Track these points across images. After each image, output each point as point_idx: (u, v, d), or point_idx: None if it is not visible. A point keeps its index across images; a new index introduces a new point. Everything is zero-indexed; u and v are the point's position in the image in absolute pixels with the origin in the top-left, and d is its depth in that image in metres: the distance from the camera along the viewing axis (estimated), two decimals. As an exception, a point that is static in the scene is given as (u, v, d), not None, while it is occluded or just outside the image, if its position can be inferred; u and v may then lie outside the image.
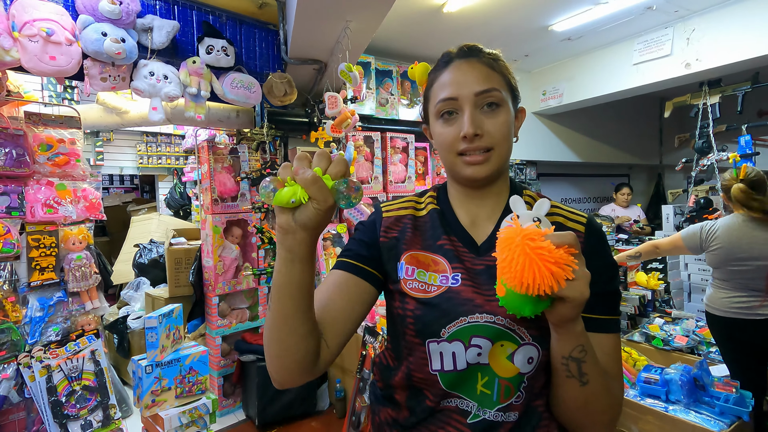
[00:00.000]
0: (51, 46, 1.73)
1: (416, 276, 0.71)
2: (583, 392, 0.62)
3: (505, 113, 0.71)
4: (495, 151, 0.70)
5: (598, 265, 0.67)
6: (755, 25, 3.01)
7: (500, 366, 0.66)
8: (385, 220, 0.78)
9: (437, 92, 0.73)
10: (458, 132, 0.69)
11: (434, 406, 0.69)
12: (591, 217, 0.74)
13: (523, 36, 3.63)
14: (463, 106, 0.70)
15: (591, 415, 0.64)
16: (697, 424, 1.77)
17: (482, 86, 0.70)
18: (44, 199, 2.03)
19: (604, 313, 0.68)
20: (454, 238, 0.73)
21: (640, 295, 3.21)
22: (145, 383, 1.80)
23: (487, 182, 0.74)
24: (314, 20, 2.15)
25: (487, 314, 0.65)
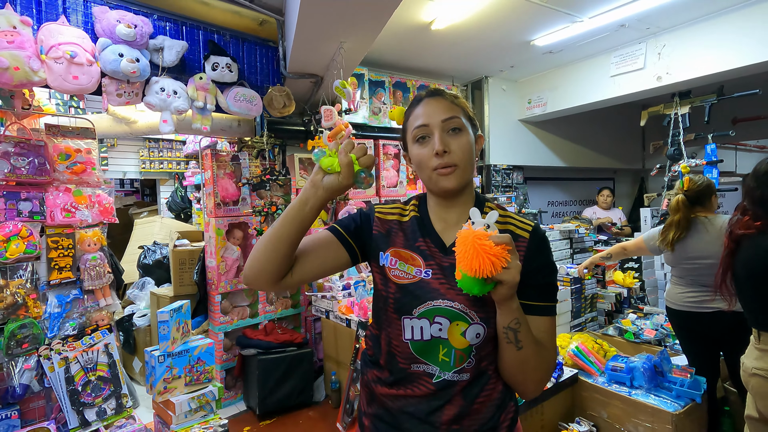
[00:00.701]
0: (74, 67, 1.92)
1: (398, 266, 0.91)
2: (519, 355, 0.82)
3: (466, 135, 0.90)
4: (459, 166, 0.88)
5: (539, 262, 0.88)
6: (721, 42, 3.25)
7: (456, 339, 0.86)
8: (377, 218, 0.99)
9: (413, 122, 0.92)
10: (431, 151, 0.88)
11: (406, 368, 0.89)
12: (536, 225, 0.93)
13: (507, 50, 3.85)
14: (433, 131, 0.89)
15: (526, 373, 0.85)
16: (656, 406, 1.98)
17: (447, 114, 0.89)
18: (63, 204, 2.21)
19: (541, 300, 0.87)
20: (429, 240, 0.92)
21: (616, 292, 3.43)
22: (158, 371, 1.98)
23: (456, 192, 0.92)
24: (311, 41, 2.34)
25: (448, 300, 0.85)
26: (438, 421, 0.87)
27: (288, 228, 0.84)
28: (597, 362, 2.36)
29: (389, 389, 0.91)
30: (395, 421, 0.90)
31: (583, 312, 3.17)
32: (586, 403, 2.24)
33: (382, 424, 0.93)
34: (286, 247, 0.85)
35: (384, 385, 0.93)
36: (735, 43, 3.15)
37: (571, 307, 3.00)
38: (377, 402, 0.94)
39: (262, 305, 3.11)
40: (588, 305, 3.22)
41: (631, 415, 2.06)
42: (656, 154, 4.39)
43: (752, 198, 1.63)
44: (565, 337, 2.63)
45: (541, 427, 2.13)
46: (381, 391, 0.93)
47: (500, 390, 0.91)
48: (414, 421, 0.88)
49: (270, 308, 3.15)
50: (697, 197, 2.19)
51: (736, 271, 1.67)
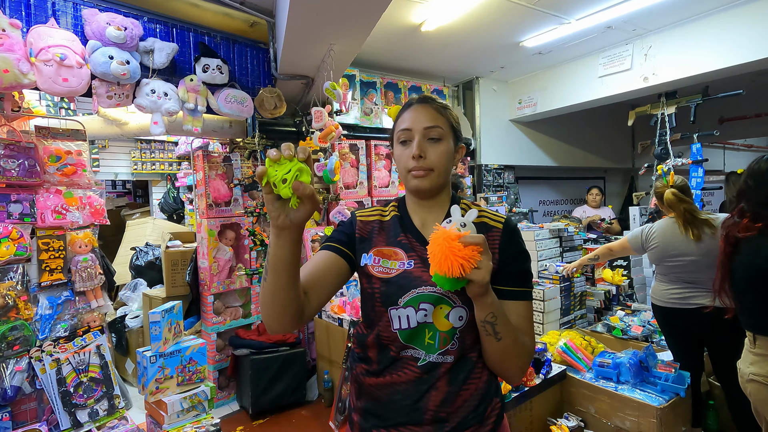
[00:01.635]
0: (64, 69, 1.92)
1: (381, 263, 0.96)
2: (499, 345, 0.86)
3: (445, 145, 0.96)
4: (434, 171, 0.95)
5: (511, 251, 0.95)
6: (705, 43, 3.31)
7: (440, 322, 0.90)
8: (359, 222, 1.04)
9: (399, 125, 0.99)
10: (410, 153, 0.94)
11: (396, 355, 0.93)
12: (508, 218, 1.01)
13: (497, 51, 3.90)
14: (414, 136, 0.95)
15: (508, 361, 0.90)
16: (641, 400, 2.02)
17: (430, 123, 0.95)
18: (53, 206, 2.21)
19: (516, 286, 0.93)
20: (410, 235, 0.98)
21: (605, 290, 3.48)
22: (150, 372, 1.99)
23: (428, 193, 0.98)
24: (301, 42, 2.36)
25: (430, 286, 0.90)
26: (424, 406, 0.90)
27: (280, 277, 0.79)
28: (585, 359, 2.40)
29: (377, 378, 0.95)
30: (383, 410, 0.93)
31: (573, 309, 3.21)
32: (574, 399, 2.28)
33: (371, 417, 0.95)
34: (287, 292, 0.81)
35: (372, 375, 0.96)
36: (719, 44, 3.22)
37: (560, 304, 3.04)
38: (366, 394, 0.97)
39: (254, 305, 3.12)
40: (577, 303, 3.26)
41: (618, 409, 2.10)
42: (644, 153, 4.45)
43: (754, 198, 1.57)
44: (554, 334, 2.67)
45: (530, 423, 2.17)
46: (369, 382, 0.96)
47: (485, 381, 0.95)
48: (402, 409, 0.91)
49: (263, 308, 3.16)
50: (683, 191, 2.23)
51: (735, 274, 1.64)
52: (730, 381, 2.16)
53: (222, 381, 3.04)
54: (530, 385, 2.16)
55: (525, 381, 2.16)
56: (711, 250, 2.09)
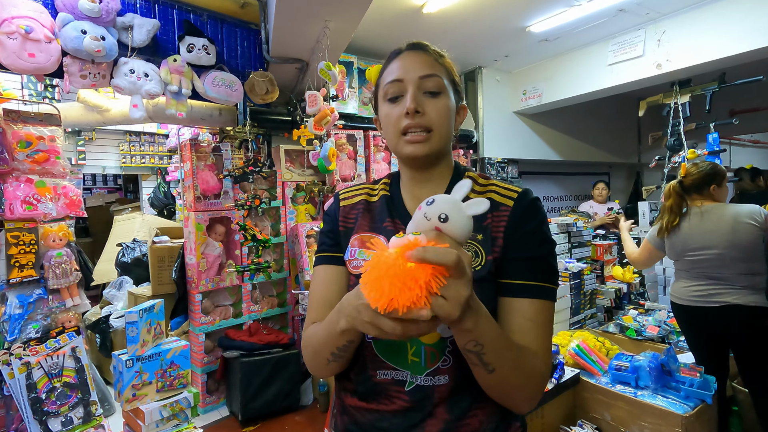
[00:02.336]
0: (30, 44, 1.75)
1: (357, 255, 0.77)
2: (492, 377, 0.63)
3: (446, 99, 0.76)
4: (434, 132, 0.74)
5: (523, 231, 0.72)
6: (722, 27, 3.14)
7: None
8: (342, 209, 0.85)
9: (386, 77, 0.78)
10: (402, 110, 0.74)
11: (373, 376, 0.74)
12: (525, 191, 0.77)
13: (502, 37, 3.72)
14: (407, 87, 0.75)
15: (508, 393, 0.67)
16: (664, 407, 1.85)
17: (426, 71, 0.75)
18: (23, 196, 2.03)
19: (524, 278, 0.70)
20: (398, 220, 0.79)
21: (616, 288, 3.32)
22: (126, 377, 1.82)
23: (427, 162, 0.78)
24: (294, 20, 2.19)
25: None
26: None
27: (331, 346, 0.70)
28: (599, 361, 2.24)
29: (359, 401, 0.76)
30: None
31: (583, 308, 3.05)
32: (589, 405, 2.11)
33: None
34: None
35: (353, 395, 0.77)
36: (738, 28, 3.04)
37: (570, 303, 2.88)
38: (347, 414, 0.79)
39: (246, 305, 2.95)
40: (587, 301, 3.10)
41: (637, 417, 1.93)
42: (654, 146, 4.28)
43: None
44: (566, 335, 2.51)
45: (542, 431, 2.00)
46: (350, 403, 0.78)
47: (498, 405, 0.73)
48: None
49: (255, 308, 2.99)
50: (694, 185, 2.08)
51: None
52: (758, 385, 2.00)
53: (211, 385, 2.86)
54: (542, 390, 2.00)
55: (536, 386, 2.00)
56: (734, 243, 1.94)
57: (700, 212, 2.06)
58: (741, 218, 1.96)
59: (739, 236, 1.94)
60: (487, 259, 0.71)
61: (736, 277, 1.97)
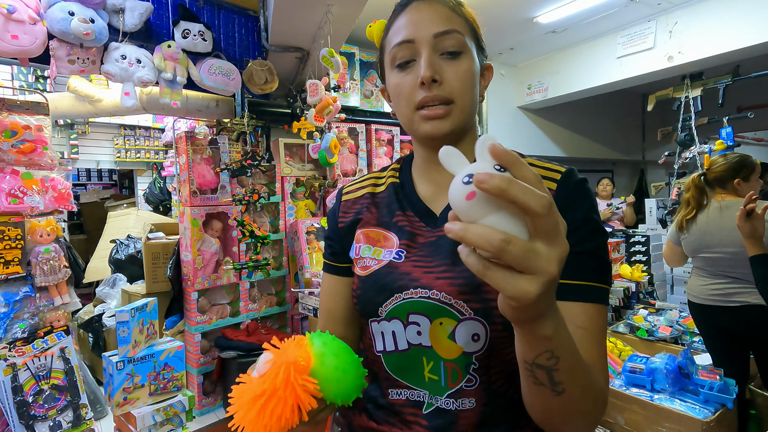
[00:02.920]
0: (12, 25, 1.64)
1: (361, 253, 0.68)
2: (557, 401, 0.49)
3: (468, 61, 0.63)
4: (456, 104, 0.63)
5: (569, 221, 0.57)
6: (736, 17, 3.05)
7: (442, 347, 0.59)
8: (343, 204, 0.76)
9: (392, 38, 0.66)
10: (416, 80, 0.62)
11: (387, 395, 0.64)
12: (569, 170, 0.65)
13: (508, 28, 3.62)
14: (420, 50, 0.62)
15: (569, 421, 0.53)
16: (682, 412, 1.77)
17: (442, 27, 0.62)
18: (8, 189, 1.93)
19: (575, 278, 0.57)
20: (411, 213, 0.68)
21: (624, 287, 3.23)
22: (117, 380, 1.73)
23: (449, 141, 0.64)
24: (294, 5, 2.09)
25: (422, 288, 0.60)
26: None
27: None
28: (612, 363, 2.16)
29: (369, 421, 0.66)
30: None
31: (591, 308, 2.97)
32: (602, 409, 2.03)
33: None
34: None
35: (362, 413, 0.67)
36: (754, 18, 2.95)
37: (578, 302, 2.79)
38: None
39: (244, 303, 2.85)
40: (596, 300, 3.02)
41: (654, 421, 1.85)
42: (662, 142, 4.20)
43: None
44: (576, 335, 2.42)
45: (554, 437, 1.92)
46: (359, 423, 0.67)
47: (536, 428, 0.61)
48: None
49: (253, 306, 2.89)
50: (718, 178, 1.98)
51: None
52: (780, 389, 1.93)
53: (207, 386, 2.76)
54: (554, 393, 1.91)
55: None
56: None
57: (720, 207, 1.97)
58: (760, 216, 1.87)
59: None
60: None
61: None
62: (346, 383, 0.49)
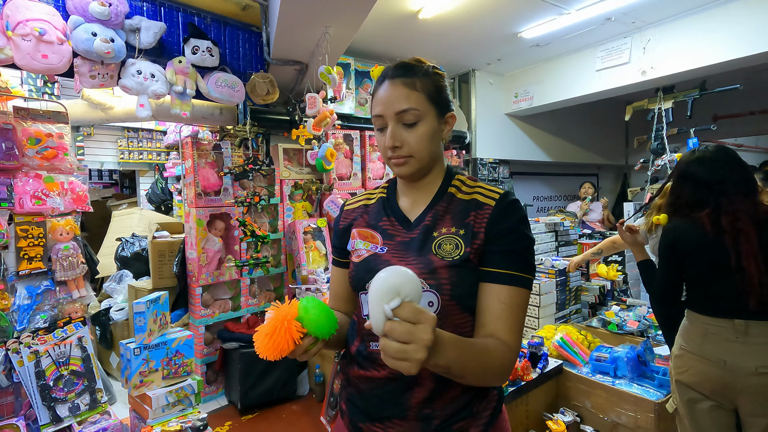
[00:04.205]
0: (43, 45, 1.82)
1: (355, 245, 0.92)
2: (462, 381, 0.75)
3: (423, 126, 0.85)
4: (414, 157, 0.86)
5: (502, 227, 0.83)
6: (704, 37, 3.29)
7: None
8: (344, 212, 1.02)
9: (374, 107, 0.89)
10: (386, 142, 0.86)
11: (367, 346, 0.88)
12: (506, 193, 0.88)
13: (495, 41, 3.84)
14: (388, 122, 0.86)
15: (482, 383, 0.81)
16: (639, 394, 1.99)
17: (402, 106, 0.84)
18: (32, 191, 2.10)
19: (501, 268, 0.80)
20: (393, 218, 0.92)
21: (600, 285, 3.46)
22: (134, 365, 1.91)
23: (413, 178, 0.90)
24: (295, 25, 2.28)
25: None
26: (407, 403, 0.83)
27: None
28: (581, 353, 2.37)
29: (359, 370, 0.90)
30: (366, 404, 0.88)
31: (568, 304, 3.19)
32: (571, 393, 2.25)
33: (355, 408, 0.91)
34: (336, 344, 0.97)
35: (354, 366, 0.91)
36: (718, 37, 3.20)
37: (555, 299, 3.01)
38: (351, 384, 0.93)
39: (244, 298, 3.04)
40: (572, 297, 3.24)
41: (615, 404, 2.07)
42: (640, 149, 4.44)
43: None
44: (551, 328, 2.64)
45: (526, 417, 2.13)
46: (353, 374, 0.92)
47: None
48: (383, 404, 0.85)
49: (253, 301, 3.09)
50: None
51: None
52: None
53: (210, 375, 2.96)
54: (526, 379, 2.12)
55: (521, 375, 2.12)
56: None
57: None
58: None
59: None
60: (466, 251, 0.82)
61: None
62: (321, 324, 0.73)
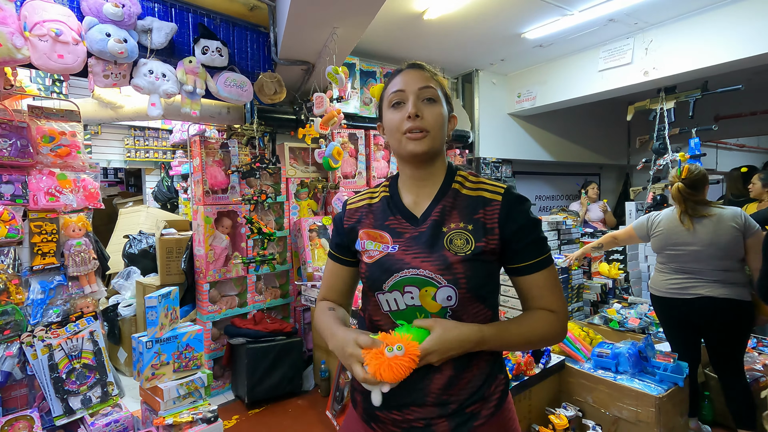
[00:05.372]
0: (59, 46, 1.87)
1: (366, 246, 0.95)
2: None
3: (439, 107, 0.92)
4: (431, 133, 0.90)
5: (516, 225, 0.89)
6: (706, 38, 3.32)
7: (428, 304, 0.87)
8: (347, 212, 1.04)
9: (389, 89, 0.95)
10: (404, 115, 0.90)
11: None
12: (508, 188, 0.93)
13: (498, 42, 3.87)
14: (408, 96, 0.91)
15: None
16: (640, 389, 2.03)
17: (424, 83, 0.92)
18: (46, 188, 2.15)
19: (529, 259, 0.89)
20: (399, 216, 0.95)
21: (602, 283, 3.49)
22: (146, 357, 1.95)
23: (425, 158, 0.93)
24: (304, 27, 2.32)
25: (413, 269, 0.87)
26: (427, 389, 0.88)
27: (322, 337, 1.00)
28: (583, 349, 2.41)
29: None
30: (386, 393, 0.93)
31: (570, 302, 3.23)
32: (573, 389, 2.28)
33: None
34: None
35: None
36: (720, 38, 3.23)
37: (558, 296, 3.05)
38: None
39: (251, 295, 3.09)
40: (574, 295, 3.28)
41: (616, 399, 2.11)
42: (642, 149, 4.47)
43: None
44: (553, 325, 2.67)
45: (529, 412, 2.17)
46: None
47: (489, 359, 0.92)
48: (403, 391, 0.88)
49: (259, 298, 3.13)
50: (693, 185, 2.21)
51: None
52: (727, 371, 2.18)
53: (217, 370, 3.00)
54: (529, 374, 2.16)
55: (525, 370, 2.16)
56: (713, 242, 2.10)
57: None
58: (724, 220, 2.11)
59: (720, 236, 2.09)
60: (477, 245, 0.87)
61: (710, 271, 2.14)
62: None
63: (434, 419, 0.87)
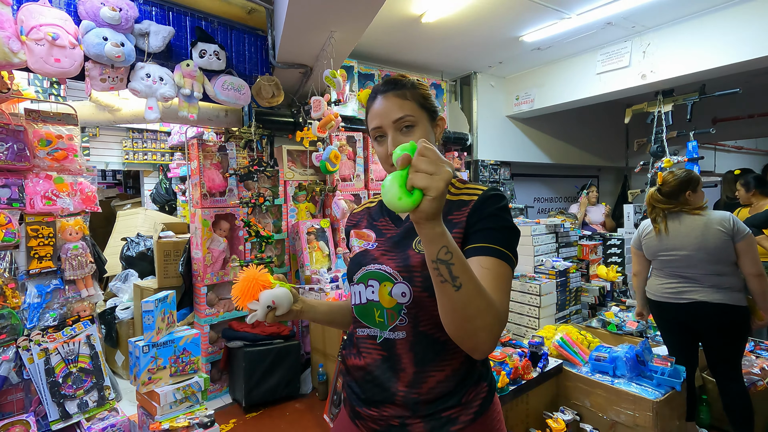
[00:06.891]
0: (56, 50, 1.86)
1: (353, 243, 1.04)
2: (458, 296, 0.68)
3: (419, 131, 0.93)
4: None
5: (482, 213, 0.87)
6: (703, 41, 3.33)
7: (385, 299, 0.91)
8: (351, 215, 1.13)
9: (370, 121, 0.97)
10: (387, 150, 0.92)
11: (355, 333, 0.99)
12: (491, 187, 0.92)
13: (496, 45, 3.88)
14: (387, 131, 0.93)
15: (471, 319, 0.71)
16: (637, 393, 2.03)
17: (398, 114, 0.92)
18: (43, 192, 2.15)
19: (482, 242, 0.83)
20: (388, 218, 1.02)
21: (600, 286, 3.50)
22: (142, 362, 1.95)
23: None
24: (301, 30, 2.32)
25: (378, 264, 0.93)
26: (393, 387, 0.90)
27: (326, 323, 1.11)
28: (581, 353, 2.41)
29: (353, 359, 0.98)
30: (361, 389, 0.96)
31: (568, 305, 3.23)
32: (570, 393, 2.28)
33: (353, 394, 0.99)
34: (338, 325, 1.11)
35: (351, 356, 1.00)
36: (718, 42, 3.24)
37: (556, 299, 3.05)
38: (349, 374, 1.01)
39: (248, 297, 3.07)
40: (572, 298, 3.28)
41: (614, 403, 2.10)
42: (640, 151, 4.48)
43: None
44: (551, 328, 2.67)
45: (526, 416, 2.17)
46: (349, 363, 1.00)
47: (462, 362, 0.90)
48: (374, 389, 0.92)
49: (257, 301, 3.12)
50: (671, 192, 2.23)
51: None
52: (724, 375, 2.18)
53: (214, 374, 3.00)
54: (527, 378, 2.16)
55: (522, 374, 2.16)
56: (701, 246, 2.11)
57: (681, 217, 2.23)
58: (711, 224, 2.13)
59: (708, 240, 2.10)
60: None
61: (704, 276, 2.14)
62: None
63: (409, 419, 0.89)
